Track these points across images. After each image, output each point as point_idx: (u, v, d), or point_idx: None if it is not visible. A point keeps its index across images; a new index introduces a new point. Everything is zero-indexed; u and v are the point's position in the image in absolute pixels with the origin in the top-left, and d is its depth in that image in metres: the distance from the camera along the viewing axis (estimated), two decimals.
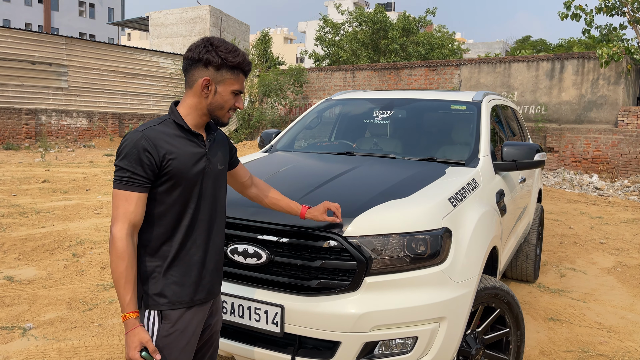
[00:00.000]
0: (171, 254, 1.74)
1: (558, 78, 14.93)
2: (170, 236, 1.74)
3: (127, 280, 1.64)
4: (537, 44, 39.24)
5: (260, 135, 4.16)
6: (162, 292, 1.73)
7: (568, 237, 7.02)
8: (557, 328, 3.91)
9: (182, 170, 1.71)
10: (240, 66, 1.76)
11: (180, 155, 1.72)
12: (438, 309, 2.17)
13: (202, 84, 1.73)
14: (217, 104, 1.77)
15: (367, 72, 18.61)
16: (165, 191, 1.71)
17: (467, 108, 3.63)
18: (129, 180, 1.65)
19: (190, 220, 1.76)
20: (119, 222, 1.65)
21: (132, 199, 1.65)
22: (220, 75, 1.74)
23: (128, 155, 1.65)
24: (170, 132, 1.74)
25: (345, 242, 2.16)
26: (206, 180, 1.80)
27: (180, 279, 1.76)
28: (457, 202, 2.49)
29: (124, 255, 1.63)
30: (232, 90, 1.77)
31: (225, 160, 1.95)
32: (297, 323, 2.17)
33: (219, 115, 1.79)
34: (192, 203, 1.77)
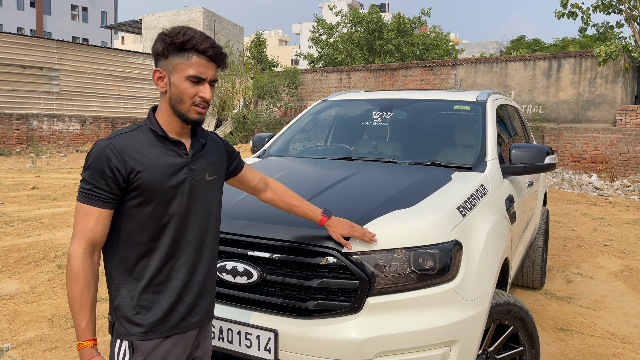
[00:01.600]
0: (147, 276, 1.52)
1: (555, 77, 14.78)
2: (146, 256, 1.53)
3: (83, 304, 1.45)
4: (531, 44, 39.21)
5: (252, 140, 3.94)
6: (134, 319, 1.51)
7: (572, 239, 6.84)
8: (568, 339, 3.70)
9: (154, 183, 1.49)
10: (188, 46, 1.49)
11: (152, 167, 1.49)
12: (449, 331, 1.96)
13: (154, 77, 1.53)
14: (175, 97, 1.52)
15: (362, 73, 18.42)
16: (136, 207, 1.50)
17: (471, 108, 3.43)
18: (91, 194, 1.46)
19: (171, 239, 1.54)
20: (76, 239, 1.47)
21: (92, 214, 1.47)
22: (170, 63, 1.51)
23: (91, 166, 1.47)
24: (143, 140, 1.52)
25: (345, 259, 1.94)
26: (190, 194, 1.57)
27: (156, 305, 1.53)
28: (466, 211, 2.28)
29: (79, 277, 1.45)
30: (186, 76, 1.50)
31: (220, 169, 1.72)
32: (292, 350, 1.95)
33: (182, 110, 1.53)
34: (172, 220, 1.54)
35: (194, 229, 1.59)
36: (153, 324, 1.52)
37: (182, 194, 1.55)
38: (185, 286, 1.58)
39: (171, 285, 1.55)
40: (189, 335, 1.63)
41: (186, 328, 1.60)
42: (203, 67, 1.51)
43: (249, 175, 1.90)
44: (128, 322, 1.51)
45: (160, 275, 1.53)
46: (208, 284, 1.66)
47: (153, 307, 1.52)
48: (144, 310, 1.52)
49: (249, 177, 1.90)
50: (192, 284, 1.59)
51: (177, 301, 1.56)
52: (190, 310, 1.60)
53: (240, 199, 2.39)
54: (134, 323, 1.51)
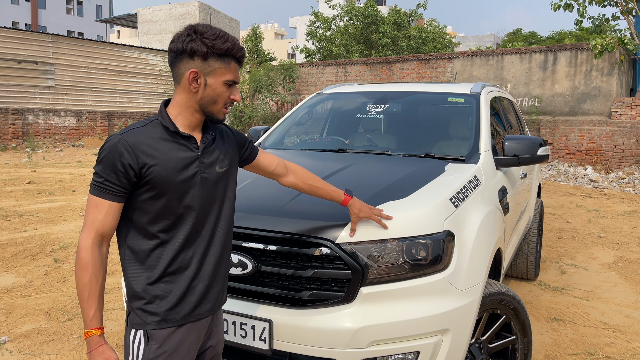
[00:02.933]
0: (160, 266, 1.55)
1: (551, 70, 14.80)
2: (160, 247, 1.56)
3: (91, 293, 1.49)
4: (528, 37, 39.18)
5: (248, 133, 3.95)
6: (148, 308, 1.54)
7: (566, 231, 6.88)
8: (561, 329, 3.74)
9: (165, 178, 1.52)
10: (230, 53, 1.55)
11: (164, 162, 1.52)
12: (441, 320, 1.99)
13: (189, 77, 1.53)
14: (208, 98, 1.56)
15: (359, 66, 18.39)
16: (149, 200, 1.53)
17: (465, 101, 3.44)
18: (102, 187, 1.49)
19: (185, 231, 1.57)
20: (86, 230, 1.50)
21: (103, 206, 1.50)
22: (209, 66, 1.54)
23: (104, 160, 1.50)
24: (155, 136, 1.54)
25: (338, 249, 1.96)
26: (203, 187, 1.60)
27: (170, 294, 1.56)
28: (458, 202, 2.31)
29: (87, 266, 1.48)
30: (225, 81, 1.56)
31: (232, 160, 1.74)
32: (287, 339, 1.98)
33: (212, 111, 1.59)
34: (185, 213, 1.57)
35: (205, 220, 1.62)
36: (167, 313, 1.55)
37: (194, 187, 1.57)
38: (197, 275, 1.61)
39: (184, 275, 1.58)
40: (202, 323, 1.65)
41: (199, 316, 1.63)
42: (237, 73, 1.60)
43: (265, 162, 1.92)
44: (143, 311, 1.55)
45: (173, 265, 1.56)
46: (220, 271, 1.69)
47: (167, 296, 1.55)
48: (158, 299, 1.55)
49: (265, 163, 1.92)
50: (203, 273, 1.62)
51: (189, 289, 1.59)
52: (202, 298, 1.63)
53: None
54: (148, 312, 1.54)
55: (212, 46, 1.52)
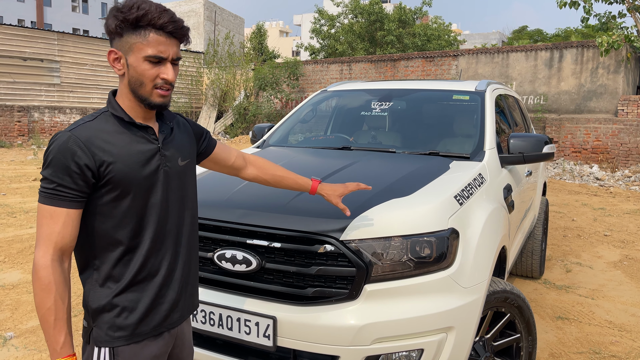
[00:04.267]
0: (129, 275, 1.40)
1: (557, 67, 14.72)
2: (127, 254, 1.40)
3: (58, 317, 1.31)
4: (534, 34, 39.01)
5: (252, 130, 3.96)
6: (116, 322, 1.39)
7: (571, 229, 6.85)
8: (566, 327, 3.73)
9: (128, 174, 1.36)
10: (142, 21, 1.32)
11: (123, 157, 1.36)
12: (445, 318, 1.98)
13: (109, 59, 1.37)
14: (134, 80, 1.37)
15: (363, 64, 18.36)
16: (111, 202, 1.36)
17: (470, 98, 3.43)
18: (55, 194, 1.30)
19: (153, 233, 1.43)
20: (42, 246, 1.30)
21: (59, 216, 1.31)
22: (126, 42, 1.34)
23: (53, 162, 1.30)
24: (109, 129, 1.37)
25: (342, 247, 1.96)
26: (166, 182, 1.45)
27: (139, 304, 1.42)
28: (463, 199, 2.30)
29: (50, 287, 1.29)
30: (145, 56, 1.34)
31: (192, 152, 1.59)
32: (291, 336, 1.98)
33: (143, 94, 1.38)
34: (152, 212, 1.42)
35: (171, 219, 1.48)
36: (136, 326, 1.42)
37: (158, 183, 1.43)
38: (167, 281, 1.48)
39: (153, 282, 1.45)
40: (172, 334, 1.54)
41: (170, 326, 1.51)
42: (163, 45, 1.36)
43: (223, 154, 1.78)
44: (109, 326, 1.39)
45: (142, 272, 1.42)
46: (190, 274, 1.57)
47: (136, 307, 1.41)
48: (126, 311, 1.40)
49: (223, 156, 1.78)
50: (173, 278, 1.50)
51: (160, 297, 1.46)
52: (173, 306, 1.51)
53: (238, 188, 2.41)
54: (116, 327, 1.39)
55: (124, 19, 1.33)
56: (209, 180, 2.62)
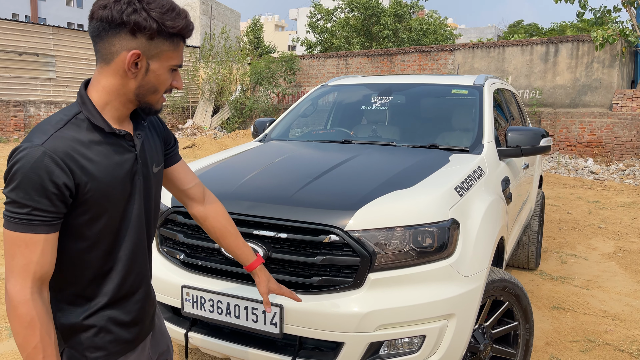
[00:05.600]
0: (105, 295, 1.29)
1: (552, 62, 14.80)
2: (103, 274, 1.28)
3: (47, 354, 1.15)
4: (529, 29, 39.08)
5: (253, 124, 4.01)
6: (94, 343, 1.28)
7: (566, 222, 6.94)
8: (562, 317, 3.82)
9: (107, 193, 1.22)
10: (182, 32, 1.24)
11: (102, 174, 1.20)
12: (446, 305, 2.05)
13: (129, 60, 1.19)
14: (149, 86, 1.25)
15: (360, 58, 18.39)
16: (86, 223, 1.22)
17: (468, 92, 3.50)
18: (29, 219, 1.12)
19: (130, 249, 1.31)
20: (18, 279, 1.13)
21: (37, 244, 1.13)
22: (156, 47, 1.21)
23: (24, 182, 1.11)
24: (84, 138, 1.19)
25: (347, 237, 2.03)
26: (141, 193, 1.32)
27: (118, 323, 1.33)
28: (463, 191, 2.37)
29: (34, 323, 1.13)
30: (171, 66, 1.26)
31: (161, 157, 1.44)
32: (297, 323, 2.04)
33: (151, 101, 1.28)
34: (128, 227, 1.30)
35: (146, 231, 1.38)
36: (115, 344, 1.32)
37: (135, 195, 1.31)
38: (144, 295, 1.40)
39: (134, 298, 1.36)
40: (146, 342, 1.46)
41: (144, 336, 1.43)
42: (182, 54, 1.30)
43: (182, 175, 1.57)
44: (86, 347, 1.28)
45: (122, 289, 1.32)
46: (151, 291, 1.48)
47: (116, 325, 1.32)
48: (104, 331, 1.30)
49: (181, 177, 1.57)
50: (145, 289, 1.41)
51: (142, 314, 1.39)
52: (152, 317, 1.45)
53: (245, 180, 2.47)
54: (94, 347, 1.28)
55: (163, 23, 1.19)
56: (215, 172, 2.67)
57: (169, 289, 2.30)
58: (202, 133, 19.02)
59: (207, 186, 2.45)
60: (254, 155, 3.08)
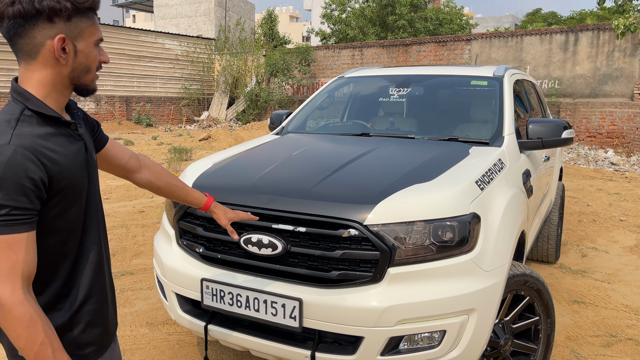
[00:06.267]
0: (86, 286, 1.29)
1: (572, 51, 14.52)
2: (78, 267, 1.29)
3: (55, 347, 1.16)
4: (548, 17, 38.41)
5: (270, 117, 4.00)
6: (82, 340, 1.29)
7: (587, 214, 6.84)
8: (582, 311, 3.76)
9: (75, 182, 1.24)
10: (94, 5, 1.24)
11: (67, 163, 1.21)
12: (467, 300, 2.03)
13: (57, 46, 1.18)
14: (82, 67, 1.25)
15: (375, 49, 18.24)
16: (58, 216, 1.22)
17: (488, 84, 3.44)
18: (10, 220, 1.11)
19: (97, 237, 1.34)
20: (7, 282, 1.11)
21: (20, 243, 1.12)
22: (76, 27, 1.20)
23: (4, 182, 1.10)
24: (41, 133, 1.19)
25: (366, 231, 2.01)
26: (94, 180, 1.35)
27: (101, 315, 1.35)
28: (484, 184, 2.33)
29: (34, 320, 1.12)
30: (95, 41, 1.26)
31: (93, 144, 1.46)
32: (316, 317, 2.04)
33: (86, 81, 1.28)
34: (91, 216, 1.32)
35: (102, 218, 1.40)
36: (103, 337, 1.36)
37: (91, 183, 1.33)
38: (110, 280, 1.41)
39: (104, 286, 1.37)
40: None
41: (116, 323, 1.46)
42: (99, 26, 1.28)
43: (116, 152, 1.59)
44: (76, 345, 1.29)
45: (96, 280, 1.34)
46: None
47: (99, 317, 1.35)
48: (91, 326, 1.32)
49: (115, 154, 1.59)
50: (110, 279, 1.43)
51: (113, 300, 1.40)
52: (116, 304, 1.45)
53: (263, 174, 2.46)
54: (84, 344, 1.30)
55: (75, 0, 1.19)
56: (234, 165, 2.67)
57: (188, 281, 2.32)
58: (218, 125, 19.10)
59: (226, 180, 2.46)
60: (272, 149, 3.07)
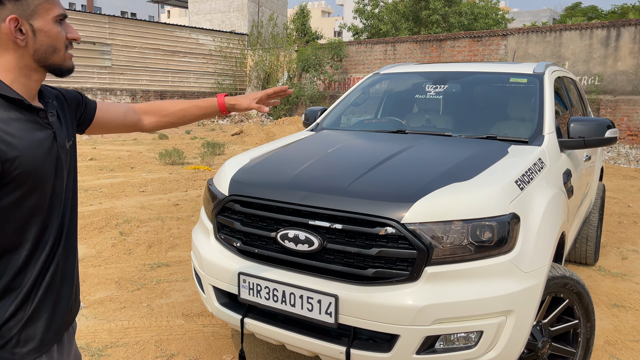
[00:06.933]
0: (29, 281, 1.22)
1: (614, 46, 14.04)
2: (30, 260, 1.22)
3: None
4: (588, 11, 37.23)
5: (304, 113, 4.02)
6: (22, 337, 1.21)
7: (627, 216, 6.63)
8: (622, 315, 3.66)
9: (35, 170, 1.17)
10: None
11: (27, 149, 1.16)
12: (505, 301, 2.00)
13: (11, 27, 1.15)
14: (45, 47, 1.21)
15: (408, 44, 18.06)
16: (13, 203, 1.16)
17: (528, 81, 3.37)
18: None
19: (56, 231, 1.27)
20: None
21: None
22: (27, 5, 1.17)
23: None
24: (4, 116, 1.14)
25: (403, 229, 2.01)
26: (63, 171, 1.29)
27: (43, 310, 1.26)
28: (524, 184, 2.29)
29: None
30: (55, 17, 1.21)
31: (74, 128, 1.41)
32: (352, 314, 2.05)
33: (56, 62, 1.24)
34: (54, 208, 1.26)
35: (69, 211, 1.33)
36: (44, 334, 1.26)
37: (59, 173, 1.27)
38: (64, 277, 1.33)
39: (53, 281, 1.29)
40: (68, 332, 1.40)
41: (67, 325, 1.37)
42: (61, 4, 1.24)
43: (110, 114, 1.55)
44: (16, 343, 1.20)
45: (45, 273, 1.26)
46: (75, 269, 1.39)
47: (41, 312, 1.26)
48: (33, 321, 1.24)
49: (110, 116, 1.55)
50: (67, 272, 1.34)
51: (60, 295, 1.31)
52: (71, 302, 1.36)
53: (300, 170, 2.48)
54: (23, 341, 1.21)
55: None
56: (270, 162, 2.70)
57: (226, 275, 2.36)
58: (249, 120, 19.27)
59: (263, 175, 2.49)
60: (308, 145, 3.09)
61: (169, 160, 9.64)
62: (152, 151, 11.50)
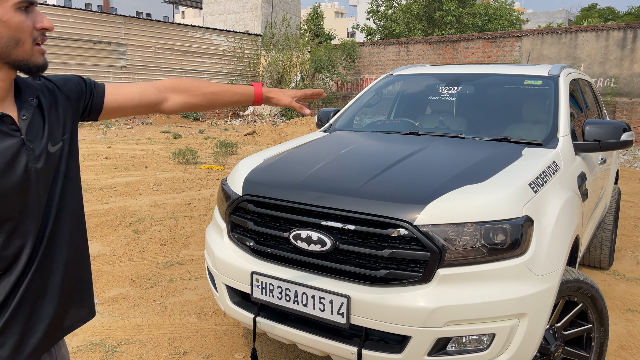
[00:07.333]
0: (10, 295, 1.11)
1: (630, 48, 13.87)
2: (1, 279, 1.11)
3: None
4: (604, 13, 36.82)
5: (317, 114, 4.03)
6: None
7: None
8: (636, 320, 3.62)
9: None
10: None
11: None
12: (518, 304, 2.00)
13: None
14: (5, 40, 1.05)
15: (421, 45, 18.01)
16: None
17: (543, 83, 3.35)
18: None
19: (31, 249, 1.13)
20: None
21: None
22: None
23: None
24: None
25: (416, 231, 2.01)
26: (39, 182, 1.14)
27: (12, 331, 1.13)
28: (538, 187, 2.28)
29: None
30: (15, 5, 1.05)
31: (67, 125, 1.25)
32: (364, 315, 2.06)
33: (22, 56, 1.08)
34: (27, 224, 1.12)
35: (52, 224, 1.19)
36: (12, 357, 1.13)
37: (31, 186, 1.12)
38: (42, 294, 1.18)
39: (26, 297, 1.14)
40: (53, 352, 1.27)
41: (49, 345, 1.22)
42: None
43: (122, 97, 1.39)
44: None
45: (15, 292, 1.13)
46: (77, 279, 1.27)
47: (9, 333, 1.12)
48: None
49: (123, 99, 1.39)
50: (49, 288, 1.19)
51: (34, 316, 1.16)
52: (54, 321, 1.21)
53: (313, 170, 2.49)
54: None
55: None
56: (283, 162, 2.72)
57: (239, 274, 2.38)
58: (262, 120, 19.35)
59: (276, 176, 2.51)
60: (320, 146, 3.10)
61: (183, 159, 9.72)
62: (165, 150, 11.60)
